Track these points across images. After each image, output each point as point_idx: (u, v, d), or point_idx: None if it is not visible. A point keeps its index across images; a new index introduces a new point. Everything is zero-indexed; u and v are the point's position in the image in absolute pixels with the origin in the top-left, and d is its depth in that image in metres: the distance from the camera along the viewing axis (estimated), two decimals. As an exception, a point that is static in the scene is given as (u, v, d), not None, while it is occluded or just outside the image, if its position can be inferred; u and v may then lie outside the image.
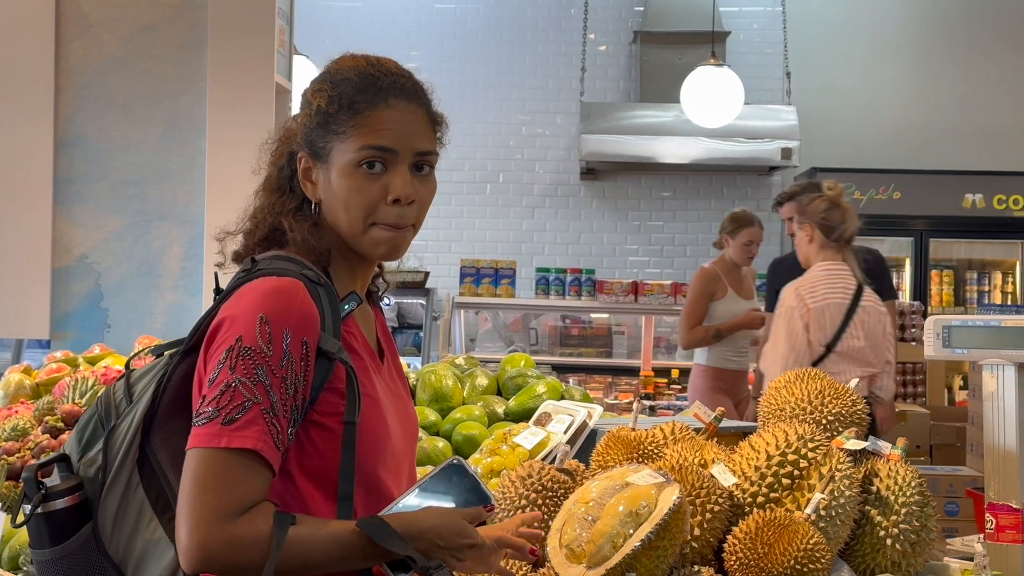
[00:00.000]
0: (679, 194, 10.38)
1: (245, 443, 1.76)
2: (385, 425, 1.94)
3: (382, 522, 1.81)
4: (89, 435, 1.94)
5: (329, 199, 1.95)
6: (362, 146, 1.90)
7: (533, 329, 9.29)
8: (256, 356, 1.79)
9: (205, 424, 1.77)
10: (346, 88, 1.94)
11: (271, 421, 1.78)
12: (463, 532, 1.87)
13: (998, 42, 10.26)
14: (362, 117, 1.92)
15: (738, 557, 2.26)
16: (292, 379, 1.80)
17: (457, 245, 10.01)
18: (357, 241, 1.94)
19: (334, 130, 1.93)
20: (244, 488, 1.76)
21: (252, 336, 1.80)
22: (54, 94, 4.80)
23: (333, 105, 1.93)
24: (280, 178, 2.03)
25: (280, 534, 1.75)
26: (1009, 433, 2.79)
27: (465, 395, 3.79)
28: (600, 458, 2.62)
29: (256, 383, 1.78)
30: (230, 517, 1.74)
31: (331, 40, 9.76)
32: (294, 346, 1.81)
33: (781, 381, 2.79)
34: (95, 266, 4.81)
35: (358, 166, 1.91)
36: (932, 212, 9.58)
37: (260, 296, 1.84)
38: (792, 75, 9.97)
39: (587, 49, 10.29)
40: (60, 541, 1.87)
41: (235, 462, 1.76)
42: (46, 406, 3.51)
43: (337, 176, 1.92)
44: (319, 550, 1.78)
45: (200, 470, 1.75)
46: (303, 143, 1.98)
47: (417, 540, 1.82)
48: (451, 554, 1.85)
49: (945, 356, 2.91)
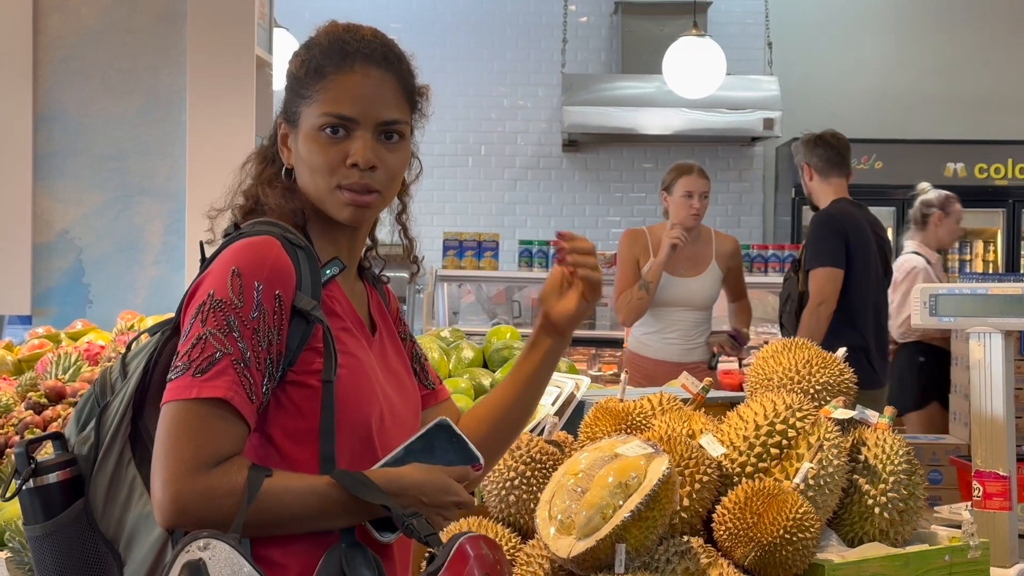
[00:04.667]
0: (661, 165, 10.34)
1: (216, 392, 1.74)
2: (370, 382, 1.92)
3: (360, 475, 1.80)
4: (86, 415, 1.93)
5: (298, 163, 1.95)
6: (323, 112, 1.90)
7: (516, 302, 9.28)
8: (227, 308, 1.78)
9: (177, 378, 1.76)
10: (316, 52, 1.93)
11: (242, 372, 1.76)
12: (448, 489, 1.85)
13: (979, 10, 10.25)
14: (327, 81, 1.91)
15: (727, 527, 2.26)
16: (264, 331, 1.79)
17: (439, 218, 9.98)
18: (324, 204, 1.93)
19: (302, 95, 1.93)
20: (217, 439, 1.75)
21: (223, 289, 1.79)
22: (32, 68, 4.76)
23: (302, 69, 1.93)
24: (266, 148, 2.04)
25: (254, 486, 1.73)
26: (996, 401, 2.79)
27: (451, 368, 3.78)
28: (588, 429, 2.62)
29: (227, 335, 1.77)
30: (203, 469, 1.73)
31: (311, 12, 9.63)
32: (266, 298, 1.79)
33: (768, 351, 2.78)
34: (76, 241, 4.78)
35: (320, 130, 1.90)
36: (914, 181, 9.53)
37: (233, 252, 1.84)
38: (773, 45, 9.96)
39: (568, 20, 10.25)
40: (51, 515, 1.85)
41: (207, 413, 1.74)
42: (29, 382, 3.49)
43: (303, 140, 1.92)
44: (295, 502, 1.77)
45: (172, 423, 1.74)
46: (282, 110, 1.99)
47: (400, 496, 1.80)
48: (436, 511, 1.84)
49: (932, 324, 2.91)
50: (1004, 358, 2.82)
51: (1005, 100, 10.16)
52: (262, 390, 1.79)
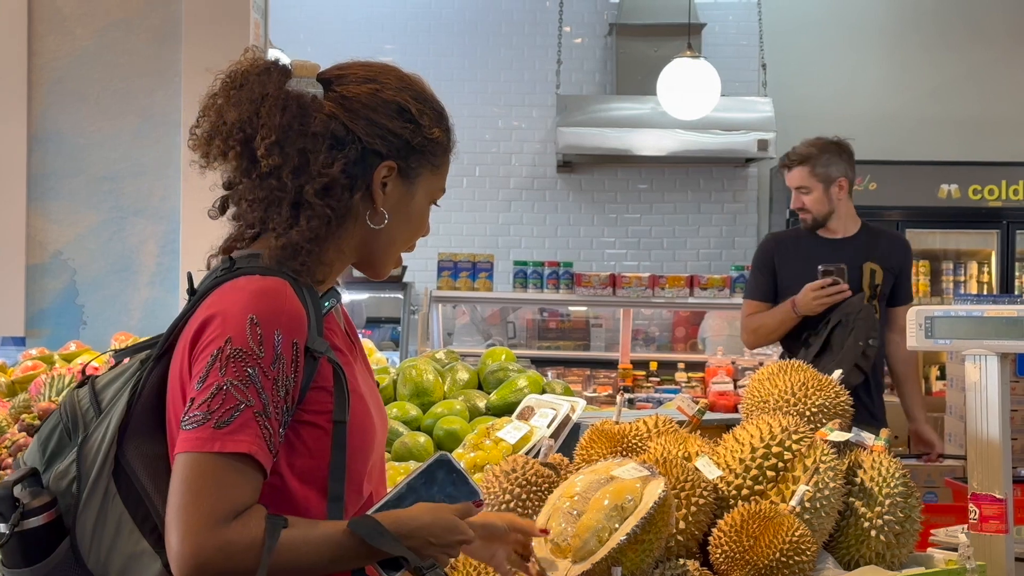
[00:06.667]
0: (656, 186, 10.38)
1: (239, 447, 1.73)
2: (372, 421, 1.93)
3: (374, 522, 1.80)
4: (55, 446, 1.88)
5: (397, 217, 1.98)
6: (442, 188, 2.04)
7: (511, 323, 9.27)
8: (247, 358, 1.76)
9: (196, 428, 1.74)
10: (447, 124, 2.04)
11: (264, 424, 1.75)
12: (455, 528, 1.86)
13: (972, 33, 10.28)
14: (447, 158, 2.04)
15: (723, 550, 2.26)
16: (283, 380, 1.78)
17: (434, 239, 9.83)
18: (387, 260, 2.02)
19: (431, 160, 2.00)
20: (237, 492, 1.73)
21: (243, 337, 1.76)
22: (27, 89, 4.76)
23: (445, 137, 2.02)
24: (340, 177, 1.91)
25: (272, 538, 1.72)
26: (992, 423, 2.78)
27: (446, 389, 3.77)
28: (584, 452, 2.62)
29: (248, 386, 1.75)
30: (223, 522, 1.71)
31: (306, 34, 9.70)
32: (285, 347, 1.79)
33: (763, 373, 2.78)
34: (70, 262, 4.77)
35: (433, 200, 2.03)
36: (908, 203, 9.60)
37: (249, 296, 1.81)
38: (768, 67, 9.97)
39: (563, 41, 10.26)
40: (37, 560, 1.82)
41: (228, 466, 1.73)
42: (22, 404, 3.48)
43: (415, 200, 2.00)
44: (312, 552, 1.76)
45: (192, 475, 1.72)
46: (396, 153, 1.95)
47: (409, 539, 1.81)
48: (442, 551, 1.85)
49: (928, 347, 2.90)
50: (1000, 380, 2.81)
51: (999, 122, 10.18)
52: (278, 439, 1.79)
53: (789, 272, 5.07)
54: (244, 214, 1.94)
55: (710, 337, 8.66)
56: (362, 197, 1.93)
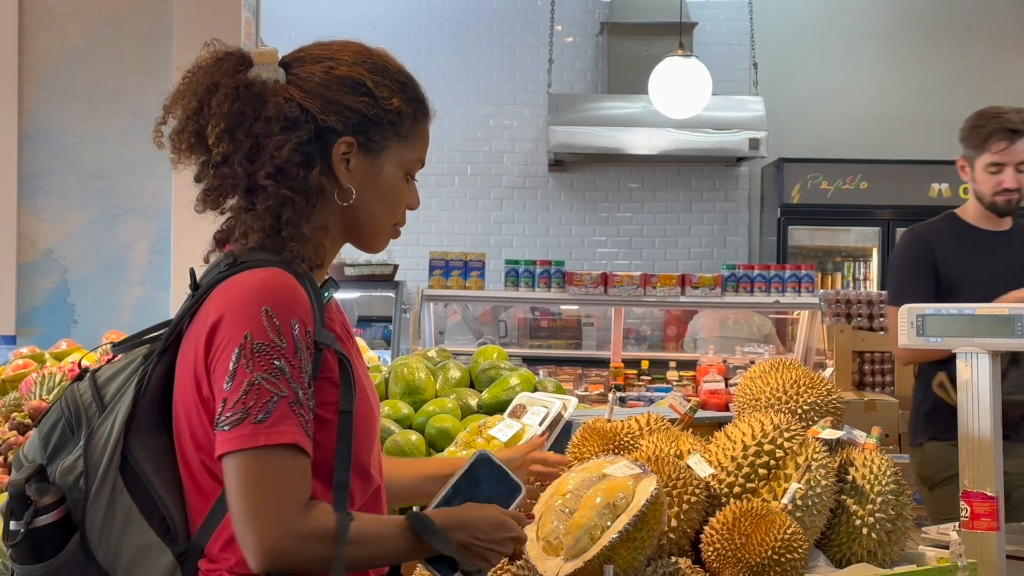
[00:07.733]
0: (647, 185, 10.38)
1: (284, 438, 1.75)
2: (373, 411, 1.95)
3: (427, 518, 1.85)
4: (57, 440, 1.89)
5: (368, 191, 1.96)
6: (418, 158, 2.01)
7: (502, 321, 9.27)
8: (271, 350, 1.76)
9: (235, 426, 1.74)
10: (412, 93, 2.00)
11: (299, 412, 1.77)
12: (502, 525, 1.91)
13: (963, 32, 10.30)
14: (420, 127, 2.00)
15: (715, 548, 2.26)
16: (305, 367, 1.80)
17: (425, 238, 9.96)
18: (371, 234, 2.00)
19: (396, 131, 1.97)
20: (298, 483, 1.76)
21: (261, 331, 1.77)
22: (18, 87, 4.75)
23: (409, 107, 1.98)
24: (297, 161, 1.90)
25: (344, 531, 1.76)
26: (984, 421, 2.78)
27: (438, 388, 3.76)
28: (576, 450, 2.61)
29: (278, 377, 1.76)
30: (295, 514, 1.74)
31: (297, 32, 9.65)
32: (302, 335, 1.80)
33: (755, 371, 2.78)
34: (61, 261, 4.76)
35: (408, 173, 2.00)
36: (899, 202, 9.62)
37: (257, 290, 1.81)
38: (759, 66, 9.98)
39: (554, 40, 10.27)
40: (48, 557, 1.83)
41: (278, 459, 1.74)
42: (13, 402, 3.47)
43: (384, 174, 1.97)
44: (376, 544, 1.82)
45: (248, 473, 1.74)
46: (353, 128, 1.94)
47: (459, 531, 1.86)
48: (491, 547, 1.90)
49: (919, 345, 2.90)
50: (991, 378, 2.81)
51: (989, 121, 10.21)
52: (312, 425, 1.81)
53: (955, 267, 4.39)
54: (210, 205, 1.95)
55: (701, 336, 8.66)
56: (323, 174, 1.92)
